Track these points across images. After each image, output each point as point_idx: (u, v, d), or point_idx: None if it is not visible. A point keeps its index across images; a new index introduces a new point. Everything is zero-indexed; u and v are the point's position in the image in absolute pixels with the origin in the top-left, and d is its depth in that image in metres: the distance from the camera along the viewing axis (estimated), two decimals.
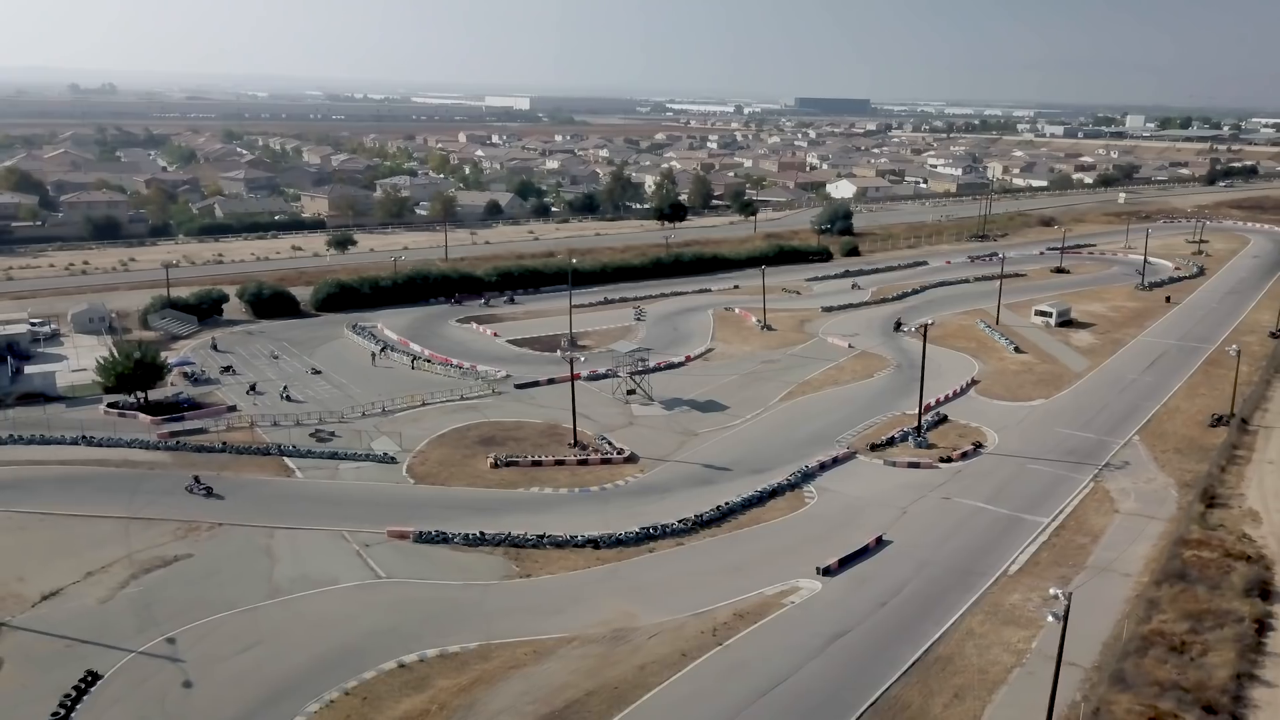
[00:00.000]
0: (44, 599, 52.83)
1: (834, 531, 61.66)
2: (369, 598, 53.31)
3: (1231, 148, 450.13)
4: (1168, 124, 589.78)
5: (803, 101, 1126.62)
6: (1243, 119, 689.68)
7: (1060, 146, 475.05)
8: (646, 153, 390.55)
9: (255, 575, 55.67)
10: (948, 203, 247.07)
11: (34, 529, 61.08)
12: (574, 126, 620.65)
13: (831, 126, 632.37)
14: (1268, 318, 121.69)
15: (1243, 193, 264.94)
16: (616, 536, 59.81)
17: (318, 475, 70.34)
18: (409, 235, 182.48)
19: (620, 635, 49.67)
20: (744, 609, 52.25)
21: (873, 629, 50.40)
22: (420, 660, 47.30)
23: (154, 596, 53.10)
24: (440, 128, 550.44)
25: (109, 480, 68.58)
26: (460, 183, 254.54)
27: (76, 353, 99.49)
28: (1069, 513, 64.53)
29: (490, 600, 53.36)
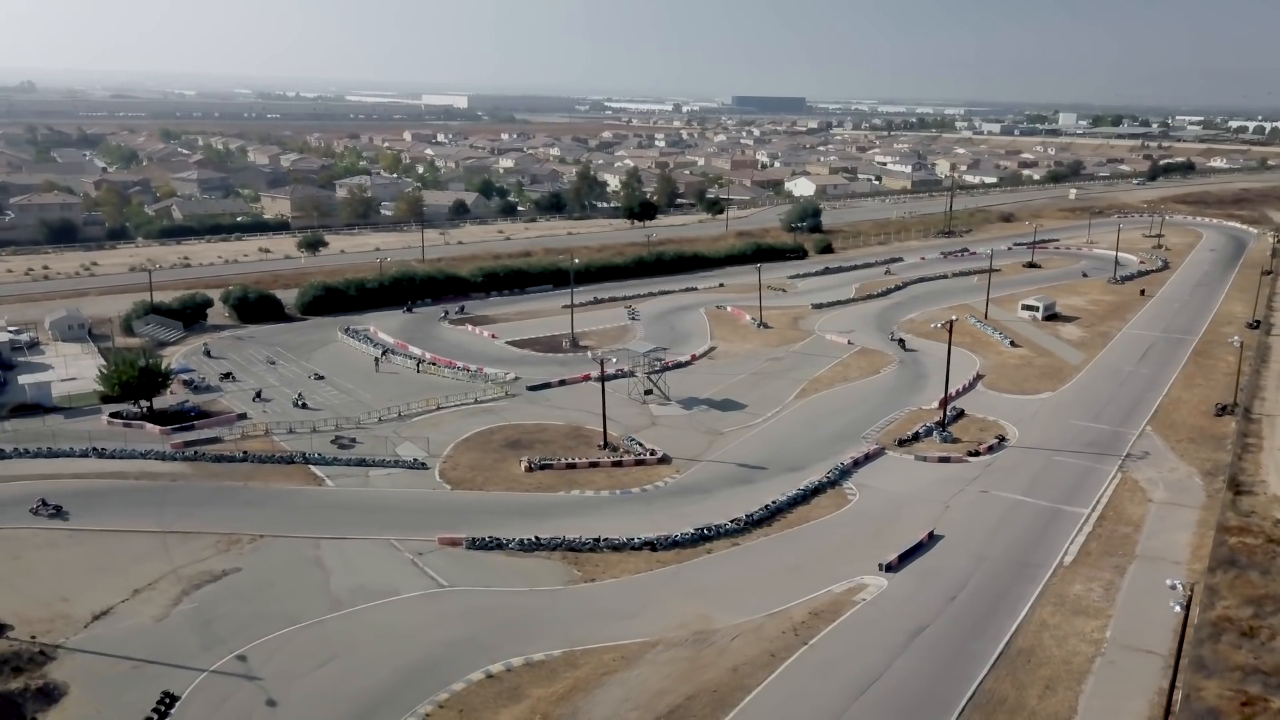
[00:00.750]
0: (95, 619, 50.81)
1: (883, 528, 62.14)
2: (436, 608, 52.26)
3: (1162, 144, 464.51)
4: (1100, 122, 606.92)
5: (740, 100, 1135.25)
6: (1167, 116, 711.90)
7: (999, 144, 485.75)
8: (597, 151, 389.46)
9: (311, 588, 54.21)
10: (906, 199, 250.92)
11: (66, 546, 58.72)
12: (516, 125, 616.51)
13: (773, 125, 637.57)
14: (1240, 309, 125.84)
15: (1185, 188, 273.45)
16: (673, 538, 59.50)
17: (349, 483, 68.76)
18: (378, 236, 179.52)
19: (702, 638, 49.41)
20: (817, 607, 52.36)
21: (950, 623, 50.88)
22: (507, 670, 46.50)
23: (211, 613, 51.39)
24: (381, 127, 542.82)
25: (132, 493, 66.24)
26: (418, 182, 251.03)
27: (64, 361, 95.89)
28: (1105, 503, 65.89)
29: (561, 606, 52.68)
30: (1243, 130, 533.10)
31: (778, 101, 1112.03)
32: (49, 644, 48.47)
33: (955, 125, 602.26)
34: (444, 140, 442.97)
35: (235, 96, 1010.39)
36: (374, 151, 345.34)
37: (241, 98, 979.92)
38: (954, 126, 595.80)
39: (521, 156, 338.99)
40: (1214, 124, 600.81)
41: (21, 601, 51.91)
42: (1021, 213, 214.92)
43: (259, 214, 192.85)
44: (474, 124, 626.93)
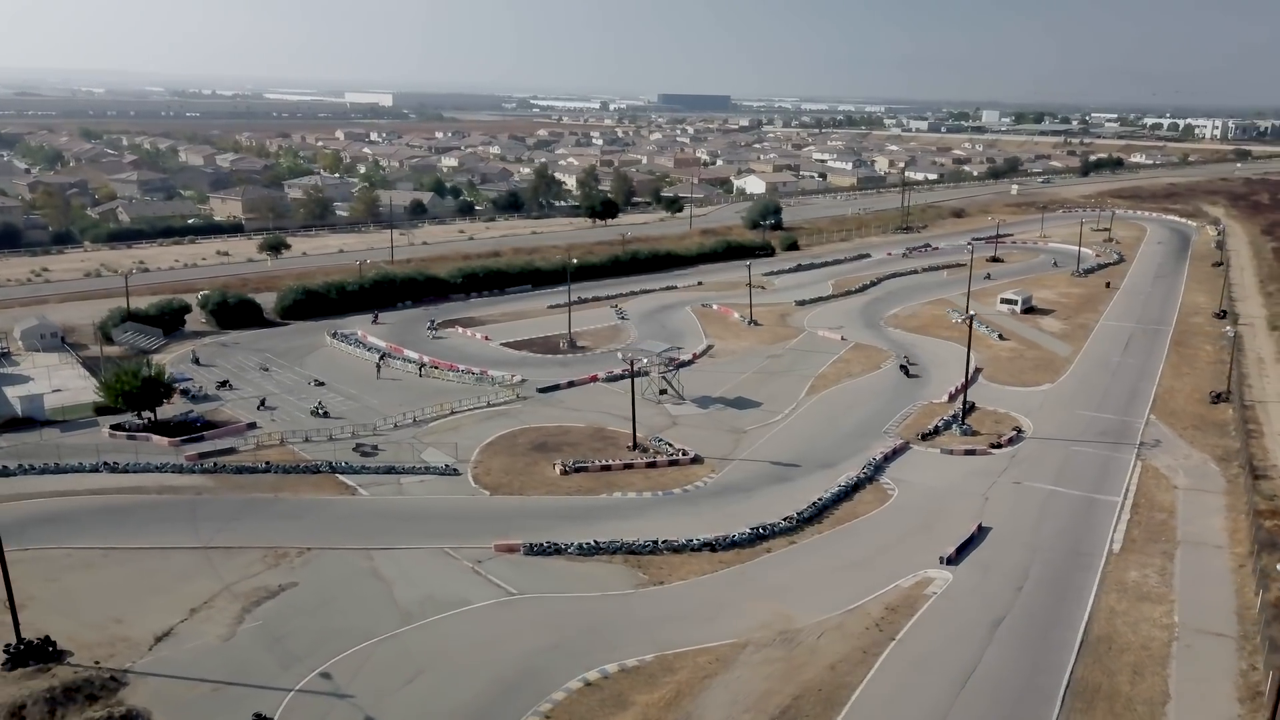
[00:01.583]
0: (158, 640, 48.75)
1: (930, 521, 63.00)
2: (512, 616, 51.36)
3: (1083, 141, 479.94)
4: (1022, 119, 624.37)
5: (666, 98, 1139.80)
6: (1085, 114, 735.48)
7: (928, 141, 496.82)
8: (537, 150, 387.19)
9: (376, 600, 52.84)
10: (857, 196, 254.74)
11: (103, 566, 56.26)
12: (445, 123, 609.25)
13: (705, 123, 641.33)
14: (1202, 300, 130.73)
15: (1117, 183, 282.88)
16: (731, 538, 59.46)
17: (383, 491, 67.19)
18: (338, 238, 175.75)
19: (788, 637, 49.48)
20: (891, 602, 52.86)
21: (1025, 613, 51.81)
22: (604, 677, 45.92)
23: (279, 630, 49.72)
24: (309, 125, 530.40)
25: (158, 509, 63.76)
26: (364, 182, 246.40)
27: (46, 373, 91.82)
28: (1135, 491, 67.77)
29: (637, 610, 52.23)
30: (1158, 127, 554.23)
31: (703, 99, 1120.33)
32: (116, 669, 46.37)
33: (884, 123, 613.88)
34: (378, 139, 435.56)
35: (148, 94, 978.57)
36: (311, 151, 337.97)
37: (155, 96, 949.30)
38: (883, 124, 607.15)
39: (465, 155, 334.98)
40: (1129, 121, 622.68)
41: (73, 626, 49.54)
42: (970, 208, 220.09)
43: (209, 216, 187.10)
44: (402, 122, 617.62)
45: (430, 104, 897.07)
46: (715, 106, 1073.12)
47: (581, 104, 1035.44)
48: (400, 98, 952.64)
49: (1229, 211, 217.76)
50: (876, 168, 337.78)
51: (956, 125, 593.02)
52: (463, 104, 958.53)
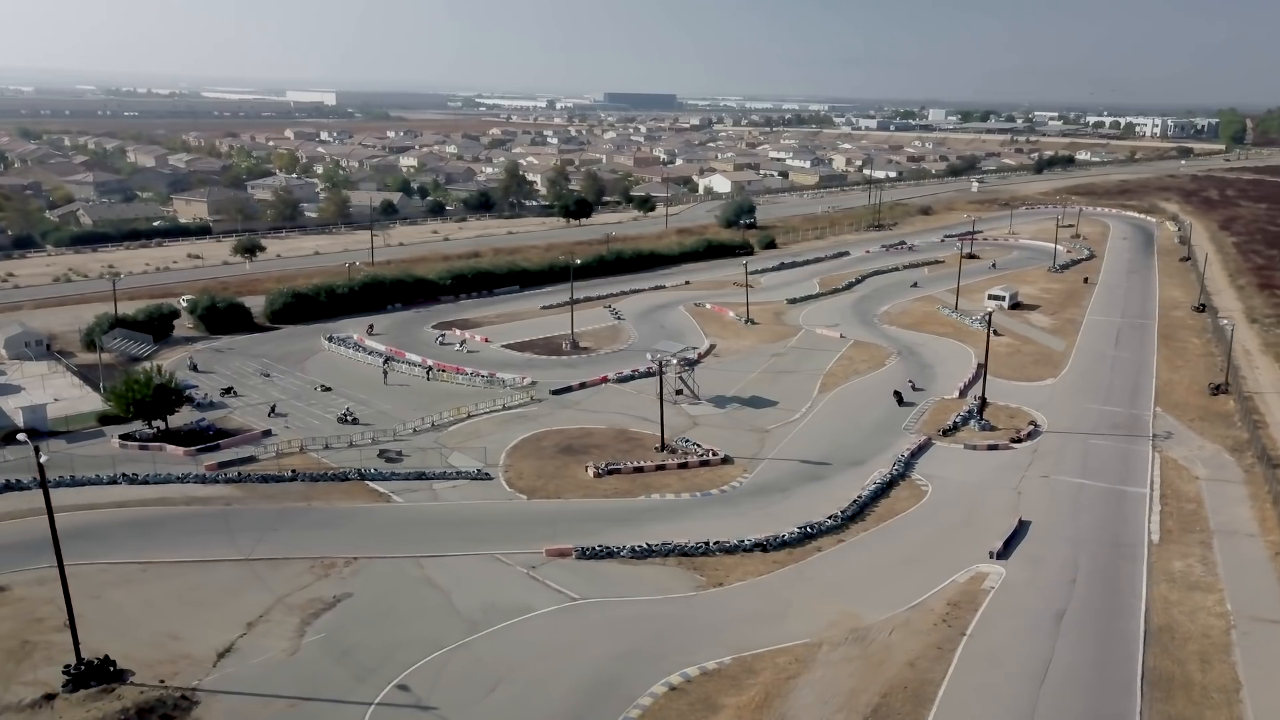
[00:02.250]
0: (221, 657, 47.42)
1: (970, 516, 63.78)
2: (579, 622, 50.89)
3: (1029, 139, 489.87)
4: (969, 117, 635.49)
5: (612, 96, 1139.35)
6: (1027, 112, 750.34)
7: (878, 139, 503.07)
8: (493, 149, 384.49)
9: (437, 609, 52.00)
10: (823, 195, 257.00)
11: (144, 581, 54.61)
12: (392, 122, 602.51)
13: (656, 121, 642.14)
14: (1178, 294, 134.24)
15: (1071, 180, 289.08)
16: (781, 538, 59.58)
17: (418, 498, 66.18)
18: (310, 239, 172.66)
19: (860, 635, 49.73)
20: (952, 598, 53.38)
21: (1084, 605, 52.67)
22: (687, 681, 45.70)
23: (345, 642, 48.67)
24: (254, 125, 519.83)
25: (189, 521, 62.06)
26: (327, 182, 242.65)
27: (38, 382, 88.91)
28: (1160, 482, 69.29)
29: (702, 612, 52.07)
30: (1100, 125, 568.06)
31: (649, 98, 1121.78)
32: (184, 687, 45.02)
33: (834, 121, 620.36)
34: (328, 138, 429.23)
35: (81, 93, 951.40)
36: (264, 151, 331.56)
37: (89, 95, 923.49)
38: (832, 122, 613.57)
39: (424, 154, 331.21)
40: (1071, 120, 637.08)
41: (128, 644, 47.98)
42: (936, 206, 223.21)
43: (173, 218, 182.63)
44: (351, 121, 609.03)
45: (375, 103, 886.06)
46: (661, 105, 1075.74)
47: (527, 102, 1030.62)
48: (344, 96, 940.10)
49: (1183, 208, 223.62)
50: (834, 166, 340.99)
51: (904, 123, 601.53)
52: (408, 103, 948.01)
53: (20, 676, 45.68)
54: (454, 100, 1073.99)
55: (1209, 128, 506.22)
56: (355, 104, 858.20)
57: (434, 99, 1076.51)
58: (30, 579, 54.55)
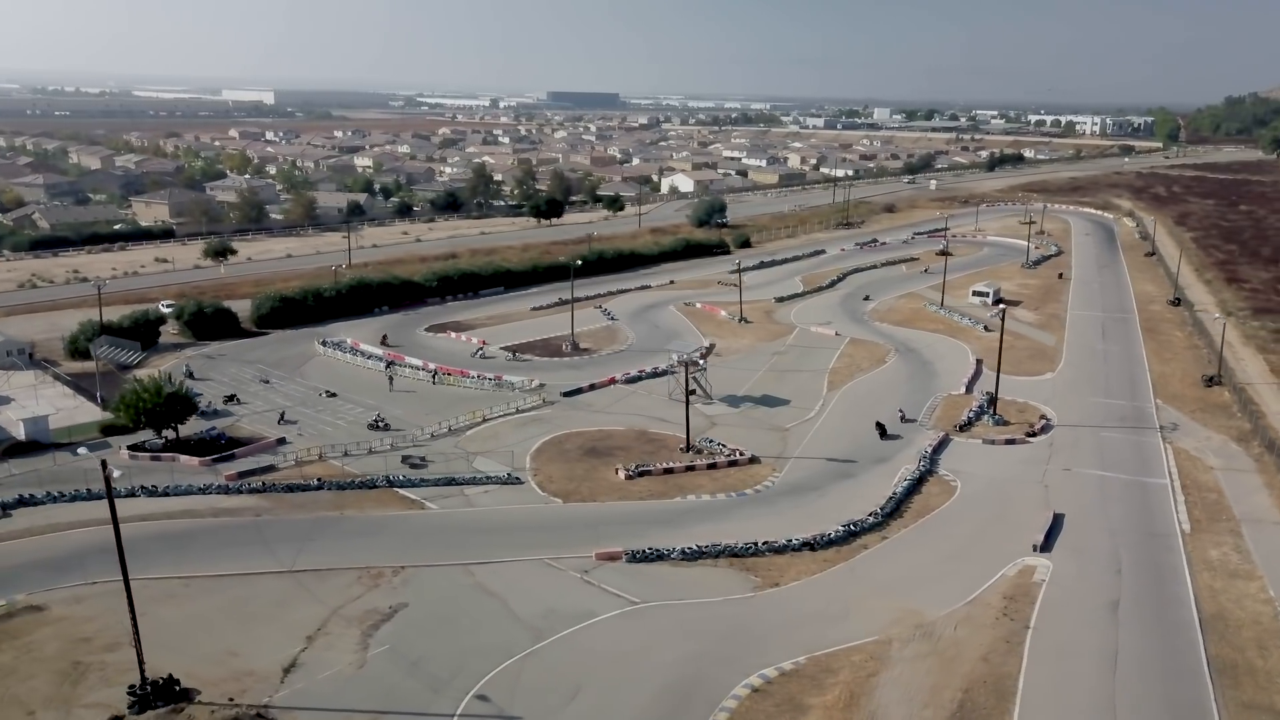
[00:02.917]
0: (287, 672, 46.23)
1: (1004, 510, 64.71)
2: (645, 625, 50.56)
3: (974, 137, 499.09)
4: (913, 116, 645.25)
5: (555, 95, 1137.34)
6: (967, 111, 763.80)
7: (827, 138, 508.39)
8: (446, 148, 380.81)
9: (497, 616, 51.28)
10: (785, 194, 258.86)
11: (188, 596, 53.00)
12: (336, 122, 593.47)
13: (604, 120, 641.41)
14: (1150, 289, 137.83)
15: (1024, 178, 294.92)
16: (828, 537, 59.83)
17: (451, 504, 65.24)
18: (279, 241, 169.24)
19: (926, 631, 50.14)
20: (1006, 592, 54.09)
21: (1135, 596, 53.71)
22: (767, 682, 45.64)
23: (411, 652, 47.74)
24: (195, 124, 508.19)
25: (221, 533, 60.39)
26: (285, 183, 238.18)
27: (34, 393, 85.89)
28: (1178, 473, 70.99)
29: (765, 612, 52.05)
30: (1041, 124, 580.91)
31: (593, 97, 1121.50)
32: (256, 705, 43.79)
33: (781, 120, 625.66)
34: (275, 138, 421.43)
35: (6, 92, 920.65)
36: (213, 151, 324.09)
37: (15, 93, 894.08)
38: (780, 121, 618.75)
39: (379, 154, 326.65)
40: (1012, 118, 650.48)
41: (186, 661, 46.49)
42: (899, 204, 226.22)
43: (134, 221, 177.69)
44: (291, 121, 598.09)
45: (315, 102, 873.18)
46: (605, 104, 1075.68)
47: (470, 101, 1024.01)
48: (282, 95, 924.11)
49: (1135, 204, 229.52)
50: (789, 165, 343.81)
51: (851, 122, 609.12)
52: (349, 101, 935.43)
53: (81, 699, 44.07)
54: (395, 99, 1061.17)
55: (1145, 126, 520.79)
56: (294, 103, 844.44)
57: (375, 98, 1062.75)
58: (66, 597, 52.70)
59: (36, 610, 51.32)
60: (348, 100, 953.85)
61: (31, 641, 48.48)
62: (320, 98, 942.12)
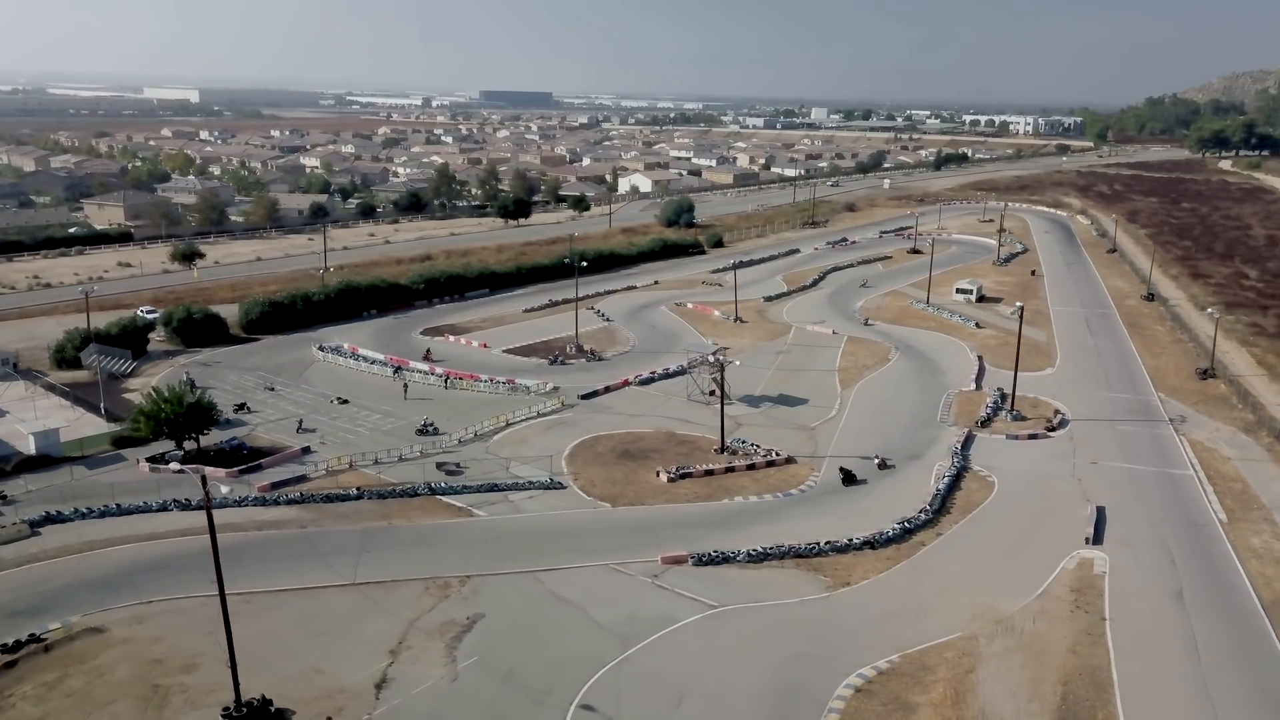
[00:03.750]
0: (379, 689, 45.06)
1: (1047, 504, 65.90)
2: (730, 629, 50.39)
3: (911, 136, 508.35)
4: (851, 116, 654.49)
5: (488, 94, 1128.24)
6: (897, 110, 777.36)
7: (768, 138, 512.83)
8: (392, 148, 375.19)
9: (579, 624, 50.67)
10: (745, 193, 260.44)
11: (253, 613, 51.24)
12: (267, 121, 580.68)
13: (543, 120, 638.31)
14: (1121, 284, 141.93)
15: (972, 176, 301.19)
16: (886, 535, 60.31)
17: (499, 510, 64.23)
18: (243, 244, 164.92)
19: (1008, 626, 50.84)
20: (1072, 584, 55.12)
21: (1195, 585, 55.15)
22: (868, 682, 45.86)
23: (502, 664, 46.90)
24: (119, 124, 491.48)
25: (271, 546, 58.67)
26: (235, 183, 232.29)
27: (32, 405, 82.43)
28: (1200, 464, 73.12)
29: (844, 612, 52.23)
30: (976, 124, 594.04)
31: (526, 96, 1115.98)
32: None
33: (722, 120, 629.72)
34: (210, 138, 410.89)
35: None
36: (151, 151, 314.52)
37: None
38: (720, 121, 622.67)
39: (328, 154, 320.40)
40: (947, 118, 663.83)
41: (273, 681, 45.03)
42: (859, 203, 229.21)
43: (88, 224, 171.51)
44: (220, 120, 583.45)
45: (241, 100, 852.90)
46: (538, 103, 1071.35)
47: (402, 100, 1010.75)
48: (208, 94, 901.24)
49: (1083, 201, 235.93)
50: (739, 164, 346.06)
51: (790, 122, 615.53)
52: (275, 100, 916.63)
53: None
54: (325, 98, 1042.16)
55: (1075, 126, 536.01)
56: (220, 102, 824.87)
57: (304, 96, 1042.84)
58: (125, 618, 50.75)
59: (97, 632, 49.32)
60: (275, 99, 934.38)
61: (100, 665, 46.57)
62: (247, 96, 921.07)
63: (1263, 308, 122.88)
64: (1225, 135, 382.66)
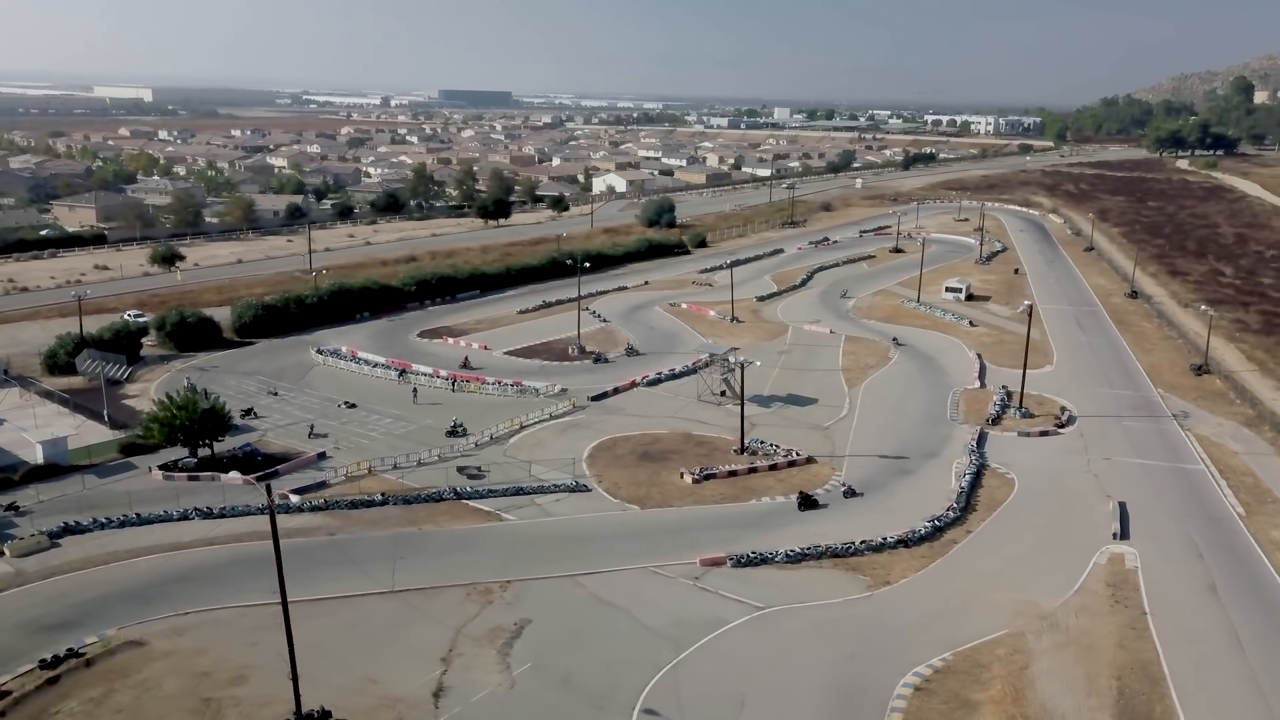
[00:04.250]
0: (436, 697, 44.52)
1: (1068, 501, 66.70)
2: (780, 630, 50.43)
3: (876, 136, 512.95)
4: (814, 116, 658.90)
5: (447, 94, 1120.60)
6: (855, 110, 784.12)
7: (733, 137, 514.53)
8: (358, 148, 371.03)
9: (627, 627, 50.47)
10: (721, 193, 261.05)
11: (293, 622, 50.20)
12: (224, 120, 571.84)
13: (506, 120, 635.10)
14: (1103, 282, 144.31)
15: (941, 176, 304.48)
16: (918, 533, 60.68)
17: (528, 514, 63.74)
18: (222, 246, 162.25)
19: (1052, 622, 51.38)
20: (1107, 579, 55.86)
21: (1228, 578, 56.13)
22: (925, 680, 46.11)
23: (557, 670, 46.53)
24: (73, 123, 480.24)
25: (301, 554, 56.85)
26: (204, 183, 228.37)
27: (32, 413, 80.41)
28: (1209, 459, 74.47)
29: (889, 611, 52.45)
30: (938, 124, 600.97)
31: (486, 95, 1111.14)
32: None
33: (686, 120, 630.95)
34: (169, 137, 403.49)
35: None
36: (111, 151, 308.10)
37: None
38: (685, 120, 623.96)
39: (296, 154, 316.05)
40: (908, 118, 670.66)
41: (325, 691, 44.17)
42: (836, 203, 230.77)
43: (59, 226, 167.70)
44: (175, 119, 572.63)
45: (195, 100, 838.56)
46: (498, 102, 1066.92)
47: (359, 99, 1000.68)
48: (160, 93, 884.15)
49: (1052, 200, 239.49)
50: (709, 164, 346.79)
51: (754, 122, 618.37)
52: (229, 99, 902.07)
53: None
54: (281, 97, 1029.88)
55: (1034, 126, 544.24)
56: (174, 101, 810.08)
57: (259, 96, 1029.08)
58: (164, 630, 49.66)
59: (137, 645, 48.21)
60: (230, 98, 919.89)
61: (146, 679, 45.52)
62: (201, 95, 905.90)
63: (1243, 304, 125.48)
64: (1181, 135, 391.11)
